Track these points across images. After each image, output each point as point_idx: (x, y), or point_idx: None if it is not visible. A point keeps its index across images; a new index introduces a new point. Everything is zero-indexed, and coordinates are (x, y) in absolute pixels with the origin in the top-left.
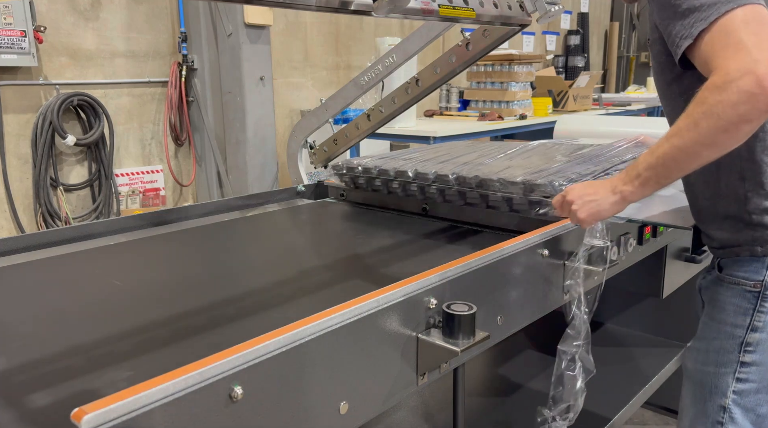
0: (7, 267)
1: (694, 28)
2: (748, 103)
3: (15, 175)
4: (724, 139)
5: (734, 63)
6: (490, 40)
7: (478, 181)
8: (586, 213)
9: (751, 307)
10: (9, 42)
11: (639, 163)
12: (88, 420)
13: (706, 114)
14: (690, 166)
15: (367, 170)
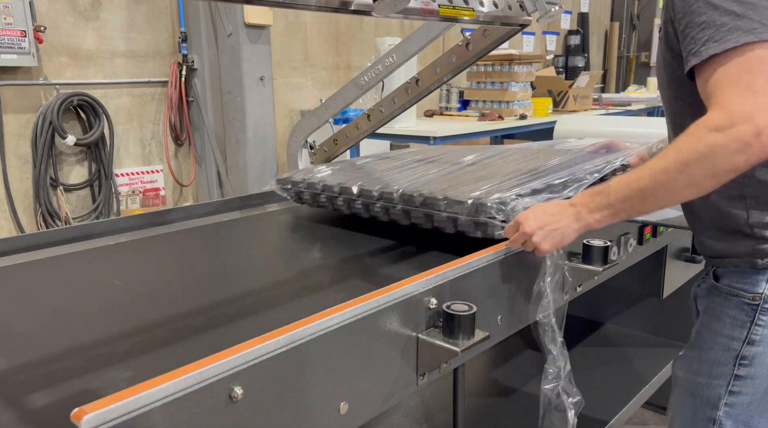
0: (7, 267)
1: (706, 47)
2: (744, 154)
3: (15, 175)
4: (710, 184)
5: (740, 105)
6: (490, 40)
7: (422, 199)
8: (550, 245)
9: (749, 320)
10: (9, 42)
11: (611, 191)
12: (88, 420)
13: (701, 156)
14: (668, 204)
15: (312, 185)
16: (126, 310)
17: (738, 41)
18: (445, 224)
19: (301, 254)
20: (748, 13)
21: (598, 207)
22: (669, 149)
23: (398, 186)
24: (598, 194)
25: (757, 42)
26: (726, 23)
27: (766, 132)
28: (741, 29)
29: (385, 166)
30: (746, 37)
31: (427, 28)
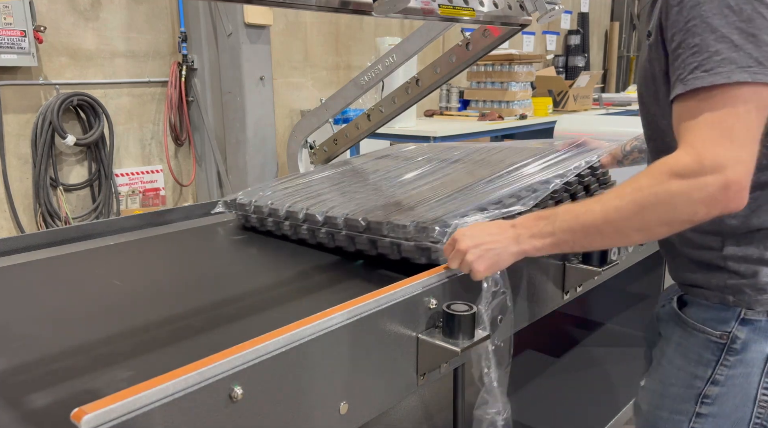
0: (7, 267)
1: (693, 77)
2: (705, 206)
3: (15, 175)
4: (662, 231)
5: (712, 152)
6: (490, 40)
7: (366, 224)
8: (485, 265)
9: (714, 359)
10: (9, 42)
11: (556, 218)
12: (88, 420)
13: (659, 201)
14: (613, 243)
15: (258, 209)
16: (126, 310)
17: (729, 78)
18: (389, 250)
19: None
20: (746, 46)
21: (541, 234)
22: (627, 186)
23: (345, 209)
24: (542, 219)
25: (750, 84)
26: (720, 52)
27: (735, 187)
28: (735, 63)
29: (343, 180)
30: (739, 75)
31: (427, 28)
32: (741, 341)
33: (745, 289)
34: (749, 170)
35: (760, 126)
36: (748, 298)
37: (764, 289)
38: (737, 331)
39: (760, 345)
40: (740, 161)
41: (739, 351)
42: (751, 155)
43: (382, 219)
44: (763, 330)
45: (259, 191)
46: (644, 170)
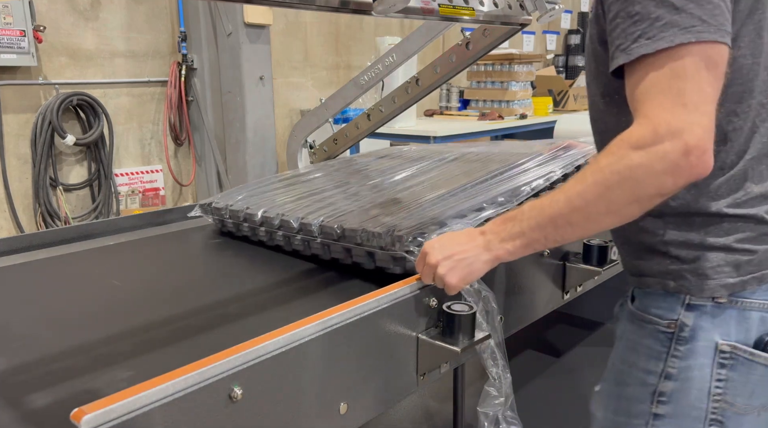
0: (7, 267)
1: (637, 45)
2: (671, 175)
3: (14, 175)
4: (633, 210)
5: (666, 119)
6: (490, 39)
7: (341, 232)
8: (458, 277)
9: (665, 351)
10: (8, 42)
11: (523, 217)
12: (88, 420)
13: (622, 178)
14: (587, 233)
15: (234, 214)
16: (125, 310)
17: (672, 41)
18: (364, 259)
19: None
20: (688, 6)
21: (510, 236)
22: (587, 169)
23: (322, 215)
24: (510, 221)
25: (695, 43)
26: (662, 17)
27: (696, 151)
28: (678, 26)
29: (322, 185)
30: (683, 36)
31: (427, 28)
32: (689, 328)
33: (686, 275)
34: (708, 132)
35: (713, 84)
36: (689, 284)
37: (705, 275)
38: (684, 318)
39: (708, 332)
40: (697, 123)
41: (689, 340)
42: (708, 116)
43: (357, 226)
44: (710, 316)
45: (236, 194)
46: (602, 151)
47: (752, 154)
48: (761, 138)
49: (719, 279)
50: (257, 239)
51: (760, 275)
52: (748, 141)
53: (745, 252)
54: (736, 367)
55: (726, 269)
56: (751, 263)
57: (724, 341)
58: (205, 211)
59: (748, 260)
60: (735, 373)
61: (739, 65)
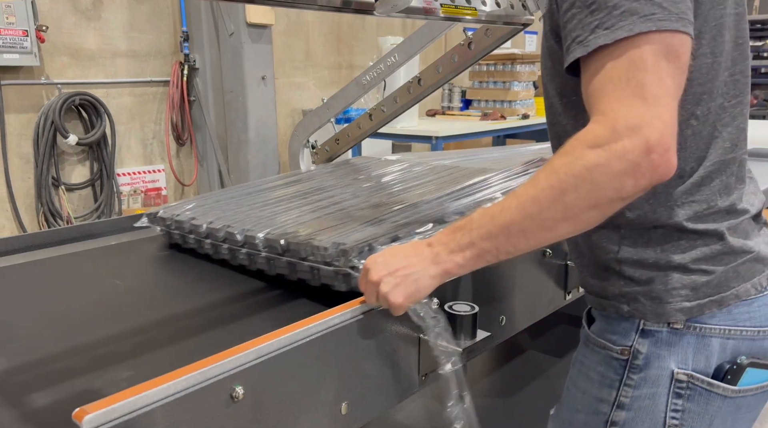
0: (9, 267)
1: (594, 36)
2: (631, 176)
3: (17, 174)
4: (591, 217)
5: (624, 114)
6: (492, 39)
7: (286, 245)
8: (403, 296)
9: (618, 378)
10: (11, 41)
11: (473, 226)
12: (90, 419)
13: (579, 180)
14: (542, 242)
15: (180, 225)
16: (127, 310)
17: (632, 30)
18: (309, 275)
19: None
20: None
21: (460, 247)
22: (541, 172)
23: (269, 228)
24: (459, 231)
25: (656, 32)
26: (619, 5)
27: (658, 149)
28: (637, 14)
29: (279, 196)
30: (642, 25)
31: (429, 28)
32: (643, 356)
33: (640, 298)
34: (671, 127)
35: (675, 76)
36: (643, 308)
37: (660, 298)
38: (638, 345)
39: (663, 360)
40: (657, 117)
41: (642, 368)
42: (670, 110)
43: (303, 240)
44: (665, 343)
45: (186, 204)
46: (557, 151)
47: (713, 160)
48: (723, 143)
49: (675, 303)
50: (203, 252)
51: (719, 299)
52: (707, 147)
53: (703, 273)
54: (693, 397)
55: (683, 291)
56: (709, 285)
57: (680, 369)
58: (152, 221)
59: (706, 282)
60: (692, 404)
61: (699, 65)
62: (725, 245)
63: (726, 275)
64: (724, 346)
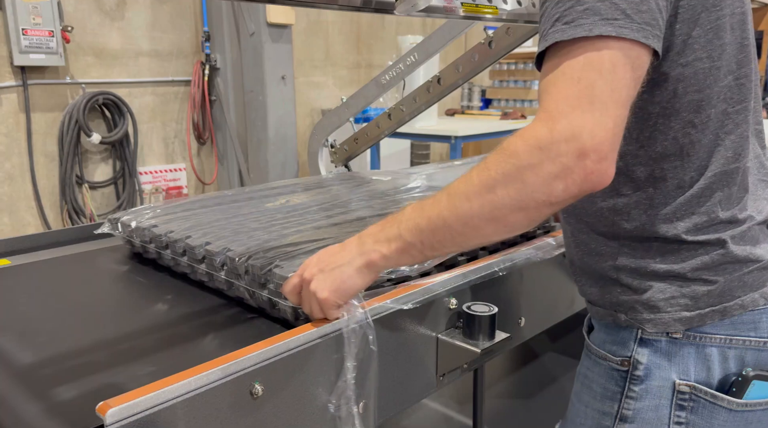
0: (34, 263)
1: (554, 29)
2: (562, 181)
3: (42, 172)
4: (518, 220)
5: (567, 114)
6: (513, 38)
7: (223, 259)
8: (329, 290)
9: (619, 390)
10: (37, 42)
11: (403, 218)
12: (113, 413)
13: (508, 179)
14: (467, 243)
15: (140, 232)
16: (148, 306)
17: (591, 31)
18: (267, 304)
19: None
20: None
21: (386, 238)
22: (475, 168)
23: (233, 245)
24: (389, 223)
25: (614, 38)
26: (583, 1)
27: (594, 155)
28: (599, 15)
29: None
30: (602, 28)
31: (449, 27)
32: (643, 366)
33: (637, 307)
34: (612, 137)
35: (628, 87)
36: (641, 317)
37: (658, 307)
38: (637, 355)
39: (664, 370)
40: (601, 125)
41: (643, 380)
42: (615, 121)
43: (265, 264)
44: (664, 353)
45: (146, 211)
46: (495, 148)
47: (715, 170)
48: (725, 152)
49: (673, 312)
50: (164, 264)
51: (722, 309)
52: (709, 156)
53: (704, 282)
54: (696, 410)
55: (681, 301)
56: (711, 294)
57: (682, 380)
58: (114, 226)
59: (707, 291)
60: (696, 416)
61: (695, 70)
62: (727, 254)
63: (730, 284)
64: (725, 356)
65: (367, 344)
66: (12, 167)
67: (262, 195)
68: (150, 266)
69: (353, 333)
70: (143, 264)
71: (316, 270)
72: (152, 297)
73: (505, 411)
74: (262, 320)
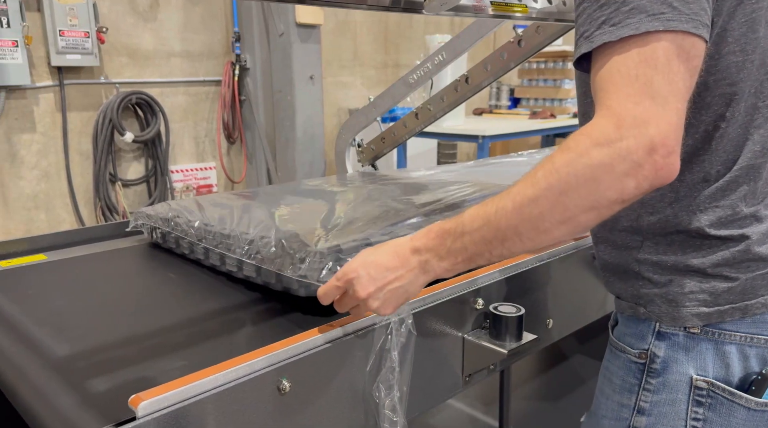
0: (69, 259)
1: (600, 32)
2: (633, 177)
3: (77, 170)
4: (589, 219)
5: (631, 110)
6: (543, 36)
7: (248, 242)
8: (394, 307)
9: (637, 383)
10: (74, 43)
11: (464, 229)
12: (145, 406)
13: (580, 180)
14: (536, 245)
15: (167, 221)
16: (179, 301)
17: (638, 28)
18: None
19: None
20: None
21: (449, 253)
22: (540, 170)
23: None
24: (449, 235)
25: (663, 32)
26: (628, 1)
27: (662, 150)
28: (645, 12)
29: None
30: (649, 24)
31: (478, 25)
32: (660, 359)
33: (656, 300)
34: (676, 131)
35: (685, 79)
36: (659, 310)
37: (676, 301)
38: (654, 348)
39: (681, 365)
40: (665, 119)
41: (660, 373)
42: (677, 114)
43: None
44: (681, 347)
45: (162, 208)
46: (559, 147)
47: (742, 164)
48: (753, 146)
49: (691, 307)
50: (184, 253)
51: (743, 306)
52: (738, 149)
53: (724, 279)
54: (714, 407)
55: (700, 296)
56: (732, 291)
57: (699, 376)
58: (137, 218)
59: (728, 288)
60: (713, 413)
61: (727, 63)
62: (750, 251)
63: (752, 282)
64: (746, 354)
65: (408, 338)
66: (48, 165)
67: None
68: (179, 260)
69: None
70: (173, 259)
71: (372, 288)
72: (183, 293)
73: (531, 413)
74: (293, 315)
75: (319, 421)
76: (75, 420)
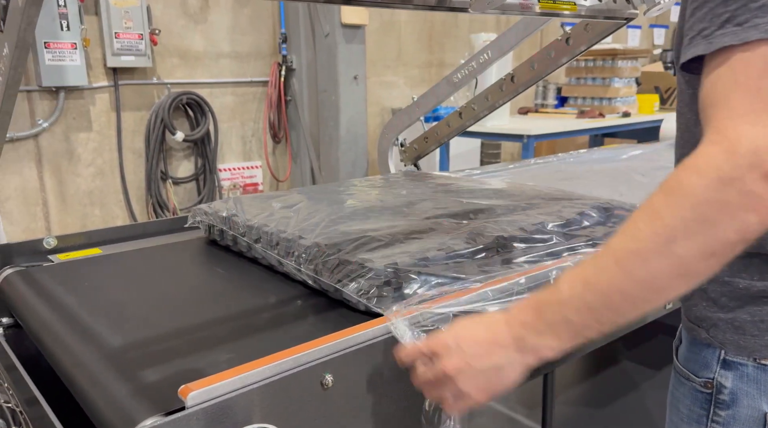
0: (122, 253)
1: (722, 32)
2: (755, 212)
3: (130, 168)
4: (711, 266)
5: (747, 133)
6: (592, 34)
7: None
8: (483, 392)
9: (705, 414)
10: (128, 45)
11: (562, 297)
12: (194, 396)
13: (692, 222)
14: (654, 305)
15: (225, 220)
16: (227, 295)
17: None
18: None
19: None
20: None
21: (550, 327)
22: (640, 217)
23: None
24: (546, 306)
25: None
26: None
27: None
28: None
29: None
30: None
31: (524, 24)
32: (728, 391)
33: (720, 325)
34: None
35: None
36: (723, 337)
37: (744, 329)
38: (721, 378)
39: (753, 399)
40: None
41: (730, 405)
42: None
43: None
44: (752, 380)
45: (223, 204)
46: (660, 184)
47: None
48: None
49: (762, 337)
50: (239, 250)
51: None
52: None
53: None
54: None
55: None
56: None
57: None
58: (195, 215)
59: None
60: None
61: None
62: None
63: None
64: None
65: None
66: (103, 163)
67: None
68: (231, 256)
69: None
70: (225, 255)
71: (461, 363)
72: (233, 287)
73: (575, 418)
74: (341, 310)
75: (361, 418)
76: (128, 409)
